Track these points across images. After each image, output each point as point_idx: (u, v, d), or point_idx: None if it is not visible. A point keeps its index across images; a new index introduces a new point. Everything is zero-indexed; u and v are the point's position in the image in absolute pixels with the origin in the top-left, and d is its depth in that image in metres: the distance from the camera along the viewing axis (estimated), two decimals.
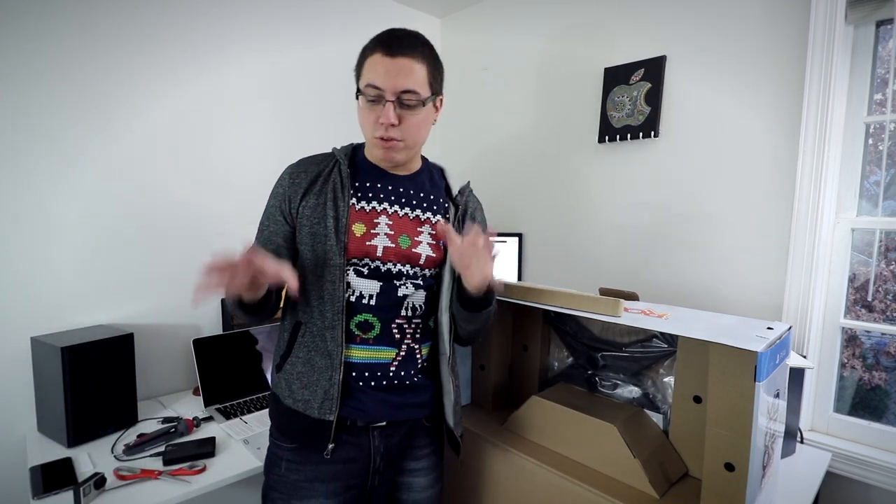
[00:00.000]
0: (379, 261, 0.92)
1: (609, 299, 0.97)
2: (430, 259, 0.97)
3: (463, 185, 1.06)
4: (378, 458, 0.95)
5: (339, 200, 0.91)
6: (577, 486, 0.99)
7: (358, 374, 0.92)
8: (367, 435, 0.93)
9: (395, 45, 0.86)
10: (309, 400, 0.90)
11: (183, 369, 1.68)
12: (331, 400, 0.89)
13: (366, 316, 0.92)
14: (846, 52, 1.32)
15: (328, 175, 0.93)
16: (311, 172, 0.93)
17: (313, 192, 0.92)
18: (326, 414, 0.89)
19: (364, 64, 0.89)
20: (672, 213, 1.64)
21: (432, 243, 0.97)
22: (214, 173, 1.72)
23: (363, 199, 0.93)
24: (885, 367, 1.36)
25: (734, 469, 0.82)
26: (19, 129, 1.34)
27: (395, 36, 0.88)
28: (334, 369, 0.89)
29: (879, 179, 1.33)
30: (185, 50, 1.62)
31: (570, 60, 1.91)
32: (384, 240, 0.92)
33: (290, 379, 0.93)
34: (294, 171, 0.94)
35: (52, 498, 1.03)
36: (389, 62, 0.86)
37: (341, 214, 0.90)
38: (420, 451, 1.01)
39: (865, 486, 1.29)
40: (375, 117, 0.88)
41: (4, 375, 1.35)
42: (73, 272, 1.45)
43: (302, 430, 0.91)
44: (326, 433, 0.89)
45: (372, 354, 0.92)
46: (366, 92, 0.88)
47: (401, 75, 0.86)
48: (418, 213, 0.97)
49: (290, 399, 0.93)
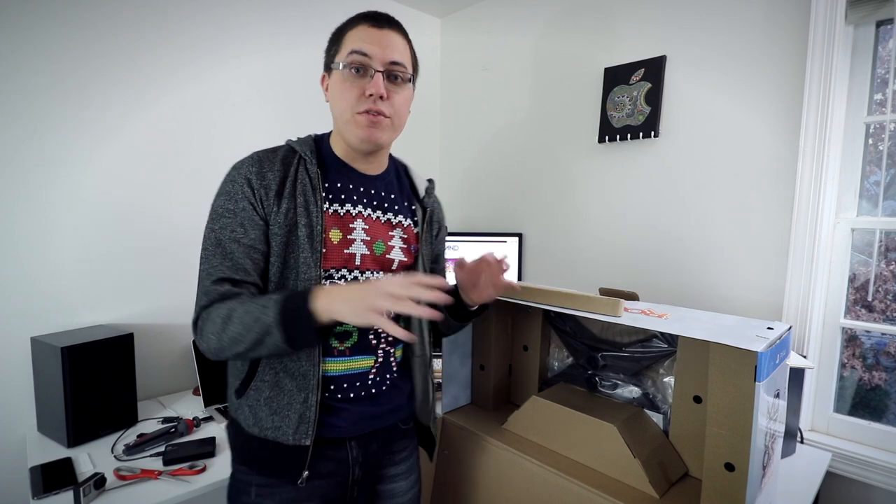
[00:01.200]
0: (357, 270, 0.86)
1: (609, 299, 0.97)
2: (402, 263, 0.94)
3: (428, 184, 1.02)
4: (357, 469, 0.90)
5: (311, 205, 0.82)
6: (577, 486, 0.99)
7: (336, 388, 0.86)
8: (345, 447, 0.88)
9: (381, 18, 0.83)
10: (280, 426, 0.82)
11: (183, 369, 1.68)
12: (307, 423, 0.81)
13: (345, 326, 0.85)
14: (846, 52, 1.32)
15: (295, 175, 0.83)
16: (277, 171, 0.82)
17: (284, 195, 0.81)
18: (302, 439, 0.81)
19: (345, 37, 0.83)
20: (672, 212, 1.64)
21: (403, 247, 0.94)
22: (214, 173, 1.71)
23: (336, 202, 0.85)
24: (885, 367, 1.36)
25: (734, 469, 0.82)
26: (20, 129, 1.34)
27: (377, 12, 0.84)
28: (310, 390, 0.81)
29: (879, 179, 1.33)
30: (184, 51, 1.62)
31: (570, 60, 1.91)
32: (361, 247, 0.87)
33: (255, 405, 0.84)
34: (258, 169, 0.82)
35: (52, 498, 1.03)
36: (378, 32, 0.82)
37: (315, 221, 0.81)
38: (398, 455, 0.98)
39: (865, 486, 1.29)
40: (360, 90, 0.81)
41: (4, 375, 1.35)
42: (73, 272, 1.45)
43: (272, 459, 0.83)
44: (301, 460, 0.81)
45: (350, 365, 0.87)
46: (350, 61, 0.80)
47: (391, 46, 0.82)
48: (390, 217, 0.92)
49: (255, 427, 0.84)
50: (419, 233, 0.98)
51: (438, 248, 1.06)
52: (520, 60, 2.09)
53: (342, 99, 0.83)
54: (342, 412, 0.86)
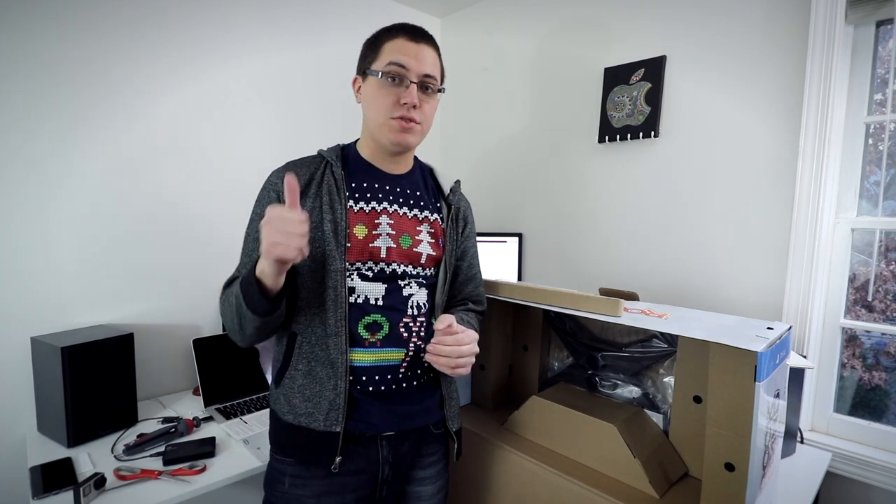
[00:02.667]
0: (384, 262, 0.91)
1: (609, 299, 0.97)
2: (431, 258, 0.97)
3: (454, 184, 1.05)
4: (387, 468, 0.92)
5: (336, 203, 0.88)
6: (577, 486, 0.99)
7: (367, 379, 0.89)
8: (376, 445, 0.91)
9: (417, 32, 0.91)
10: (313, 412, 0.87)
11: (183, 369, 1.68)
12: (337, 410, 0.86)
13: (375, 317, 0.90)
14: (846, 52, 1.32)
15: (321, 177, 0.91)
16: (303, 175, 0.90)
17: (308, 195, 0.89)
18: (333, 425, 0.86)
19: (383, 46, 0.90)
20: (672, 212, 1.64)
21: (432, 241, 0.97)
22: (214, 174, 1.72)
23: (361, 200, 0.91)
24: (885, 367, 1.36)
25: (734, 469, 0.82)
26: (20, 129, 1.34)
27: (413, 26, 0.91)
28: (339, 377, 0.86)
29: (879, 179, 1.33)
30: (185, 51, 1.62)
31: (570, 60, 1.91)
32: (387, 240, 0.91)
33: (289, 393, 0.90)
34: (286, 173, 0.89)
35: (52, 498, 1.03)
36: (415, 46, 0.89)
37: (339, 217, 0.88)
38: (428, 459, 1.00)
39: (865, 486, 1.29)
40: (395, 98, 0.88)
41: (4, 375, 1.35)
42: (73, 272, 1.45)
43: (306, 445, 0.88)
44: (333, 446, 0.86)
45: (381, 357, 0.90)
46: (388, 71, 0.88)
47: (426, 61, 0.90)
48: (416, 212, 0.97)
49: (290, 415, 0.89)
50: (445, 229, 1.00)
51: (464, 244, 1.06)
52: (520, 60, 2.09)
53: (377, 104, 0.90)
54: (372, 407, 0.89)
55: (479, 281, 1.12)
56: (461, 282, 1.07)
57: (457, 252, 1.04)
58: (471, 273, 1.09)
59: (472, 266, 1.09)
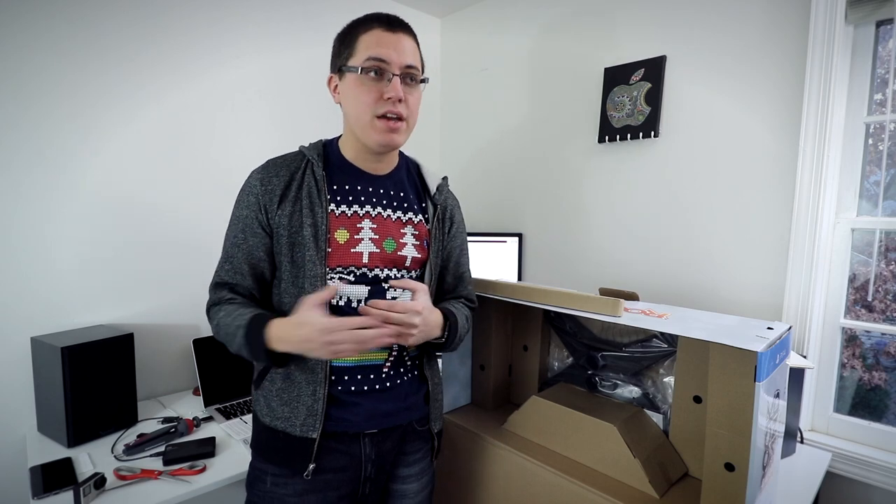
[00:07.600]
0: (366, 267, 0.88)
1: (609, 299, 0.97)
2: (416, 260, 0.94)
3: (440, 181, 1.02)
4: (369, 466, 0.91)
5: (317, 206, 0.85)
6: (577, 486, 0.99)
7: (349, 379, 0.88)
8: (358, 443, 0.89)
9: (394, 22, 0.85)
10: (290, 417, 0.86)
11: (183, 369, 1.68)
12: (314, 416, 0.84)
13: None
14: (846, 52, 1.32)
15: (301, 178, 0.87)
16: (283, 176, 0.86)
17: (288, 198, 0.85)
18: (309, 431, 0.84)
19: (359, 40, 0.84)
20: (672, 212, 1.64)
21: (416, 244, 0.94)
22: (213, 174, 1.72)
23: (343, 203, 0.88)
24: (885, 367, 1.36)
25: (734, 469, 0.82)
26: (19, 129, 1.34)
27: (388, 15, 0.86)
28: (318, 383, 0.85)
29: (879, 179, 1.33)
30: (183, 52, 1.62)
31: (569, 60, 1.91)
32: (369, 245, 0.88)
33: (268, 396, 0.89)
34: (264, 175, 0.87)
35: (52, 498, 1.03)
36: (393, 37, 0.84)
37: (319, 222, 0.84)
38: (412, 457, 0.98)
39: (865, 487, 1.29)
40: (378, 94, 0.83)
41: (4, 375, 1.35)
42: (73, 272, 1.45)
43: (281, 449, 0.87)
44: (308, 452, 0.84)
45: (363, 357, 0.88)
46: (368, 66, 0.83)
47: (406, 51, 0.85)
48: (400, 215, 0.93)
49: (268, 417, 0.88)
50: (430, 230, 0.97)
51: (450, 244, 1.03)
52: (519, 60, 2.09)
53: (360, 102, 0.85)
54: (355, 406, 0.88)
55: (468, 280, 1.09)
56: (449, 282, 1.05)
57: (443, 253, 1.02)
58: (458, 272, 1.06)
59: (459, 265, 1.06)
